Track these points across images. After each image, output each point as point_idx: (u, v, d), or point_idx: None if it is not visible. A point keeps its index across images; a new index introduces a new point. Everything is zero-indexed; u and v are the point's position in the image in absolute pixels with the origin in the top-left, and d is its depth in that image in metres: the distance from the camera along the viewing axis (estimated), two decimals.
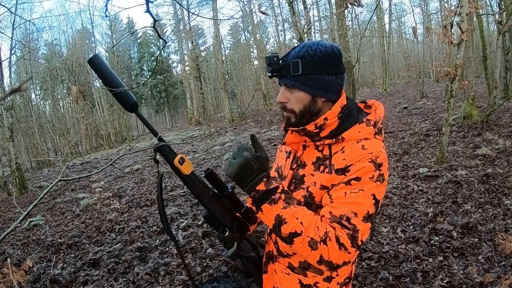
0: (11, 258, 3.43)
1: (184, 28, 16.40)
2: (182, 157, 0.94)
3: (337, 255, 0.84)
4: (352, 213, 0.86)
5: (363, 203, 0.86)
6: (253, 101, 17.76)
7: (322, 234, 0.84)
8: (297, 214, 0.86)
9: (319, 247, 0.84)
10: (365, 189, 0.87)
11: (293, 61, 0.91)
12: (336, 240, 0.83)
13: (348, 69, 9.72)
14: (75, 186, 6.85)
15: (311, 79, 0.92)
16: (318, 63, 0.91)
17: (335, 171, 0.90)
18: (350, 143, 0.92)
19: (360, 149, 0.90)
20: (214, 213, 0.99)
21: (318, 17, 20.11)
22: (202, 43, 30.05)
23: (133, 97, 0.96)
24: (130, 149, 11.86)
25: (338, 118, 0.95)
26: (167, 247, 3.34)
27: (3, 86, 7.33)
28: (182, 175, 0.96)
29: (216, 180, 0.98)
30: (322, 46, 0.93)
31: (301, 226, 0.85)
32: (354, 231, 0.85)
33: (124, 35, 24.59)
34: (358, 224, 0.85)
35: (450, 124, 4.76)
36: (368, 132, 0.93)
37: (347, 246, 0.83)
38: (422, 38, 15.84)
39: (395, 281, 2.34)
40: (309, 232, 0.85)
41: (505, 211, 3.08)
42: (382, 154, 0.90)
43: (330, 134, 0.95)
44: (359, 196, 0.87)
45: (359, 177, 0.87)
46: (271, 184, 0.89)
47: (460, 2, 4.40)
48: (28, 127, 16.24)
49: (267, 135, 9.63)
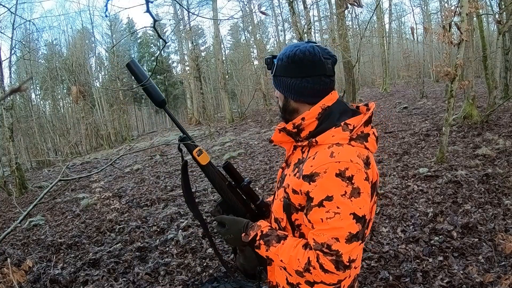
0: (11, 258, 3.43)
1: (184, 28, 16.40)
2: (200, 149, 1.08)
3: (326, 278, 0.86)
4: (333, 239, 0.84)
5: (341, 228, 0.83)
6: (253, 101, 17.76)
7: (303, 265, 0.88)
8: (277, 252, 0.93)
9: (306, 275, 0.89)
10: (341, 211, 0.83)
11: (274, 63, 0.99)
12: (320, 267, 0.85)
13: (348, 69, 9.72)
14: (75, 186, 6.85)
15: (279, 80, 0.98)
16: (284, 67, 0.95)
17: (302, 177, 0.89)
18: (322, 148, 0.90)
19: (328, 157, 0.86)
20: (228, 201, 1.09)
21: (318, 17, 20.11)
22: (202, 43, 30.06)
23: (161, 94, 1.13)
24: (130, 149, 11.86)
25: (317, 119, 0.94)
26: (167, 247, 3.34)
27: (3, 86, 7.33)
28: (200, 165, 1.08)
29: (233, 172, 1.08)
30: (290, 50, 0.95)
31: (283, 263, 0.92)
32: (337, 256, 0.84)
33: (124, 35, 24.59)
34: (340, 248, 0.84)
35: (450, 124, 4.76)
36: (342, 137, 0.89)
37: (332, 270, 0.84)
38: (422, 38, 15.84)
39: (395, 281, 2.34)
40: (291, 265, 0.90)
41: (505, 211, 3.08)
42: (353, 164, 0.84)
43: (308, 135, 0.96)
44: (336, 221, 0.83)
45: (330, 195, 0.83)
46: (249, 235, 0.98)
47: (460, 2, 4.40)
48: (28, 127, 16.24)
49: (267, 135, 9.63)
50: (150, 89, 1.11)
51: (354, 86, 10.04)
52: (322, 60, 0.93)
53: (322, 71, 0.93)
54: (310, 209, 0.87)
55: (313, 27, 10.21)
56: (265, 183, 5.08)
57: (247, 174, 5.81)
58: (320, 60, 0.92)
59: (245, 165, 6.48)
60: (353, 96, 9.67)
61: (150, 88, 1.11)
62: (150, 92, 1.11)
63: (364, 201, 0.86)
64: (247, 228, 1.00)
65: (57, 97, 22.92)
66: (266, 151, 7.49)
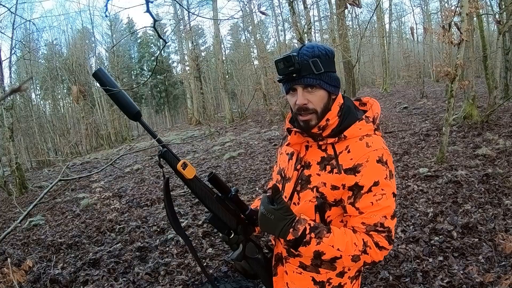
0: (11, 258, 3.43)
1: (184, 28, 16.41)
2: (184, 162, 0.97)
3: (379, 255, 0.93)
4: (383, 218, 0.92)
5: (389, 206, 0.93)
6: (253, 101, 17.75)
7: (361, 247, 0.92)
8: (332, 243, 0.92)
9: (362, 257, 0.93)
10: (386, 192, 0.92)
11: (312, 60, 0.91)
12: (376, 246, 0.92)
13: (348, 69, 9.73)
14: (75, 186, 6.85)
15: (330, 76, 0.95)
16: (331, 61, 0.96)
17: (344, 171, 0.93)
18: (353, 141, 0.95)
19: (365, 147, 0.93)
20: (219, 216, 1.02)
21: (318, 17, 20.11)
22: (202, 43, 30.07)
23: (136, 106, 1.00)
24: (130, 149, 11.86)
25: (338, 116, 0.98)
26: (167, 247, 3.34)
27: (3, 86, 7.33)
28: (186, 179, 0.98)
29: (219, 183, 1.02)
30: (323, 47, 0.98)
31: (339, 251, 0.91)
32: (388, 231, 0.93)
33: (124, 35, 24.59)
34: (389, 224, 0.93)
35: (450, 124, 4.76)
36: (369, 129, 0.97)
37: (386, 246, 0.93)
38: (422, 38, 15.84)
39: (395, 281, 2.34)
40: (348, 252, 0.92)
41: (505, 211, 3.08)
42: (385, 150, 0.94)
43: (331, 133, 0.98)
44: (384, 201, 0.92)
45: (376, 181, 0.91)
46: (298, 230, 0.92)
47: (460, 2, 4.39)
48: (28, 127, 16.24)
49: (267, 135, 9.62)
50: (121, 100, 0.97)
51: (354, 86, 10.04)
52: None
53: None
54: (359, 197, 0.93)
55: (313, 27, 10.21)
56: (265, 183, 5.07)
57: (247, 174, 5.81)
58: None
59: (245, 165, 6.48)
60: (353, 96, 9.67)
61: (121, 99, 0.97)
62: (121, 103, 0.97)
63: (395, 181, 0.97)
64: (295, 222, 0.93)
65: (57, 97, 22.94)
66: (266, 151, 7.49)
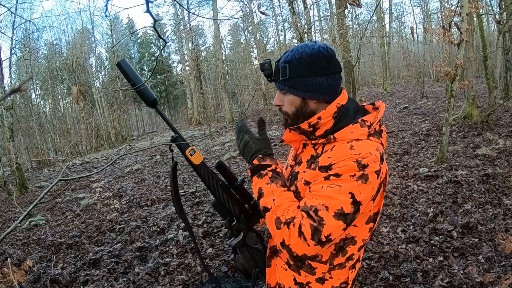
0: (11, 258, 3.43)
1: (184, 28, 16.40)
2: (193, 148, 1.06)
3: (296, 243, 0.85)
4: (322, 206, 0.84)
5: (336, 198, 0.84)
6: (253, 101, 17.76)
7: (288, 217, 0.88)
8: (275, 192, 0.93)
9: (282, 228, 0.87)
10: (342, 185, 0.84)
11: (282, 66, 0.94)
12: (298, 227, 0.84)
13: (348, 69, 9.71)
14: (75, 186, 6.85)
15: (298, 82, 0.93)
16: (304, 66, 0.92)
17: (319, 168, 0.90)
18: (341, 143, 0.91)
19: (348, 149, 0.88)
20: (221, 202, 1.07)
21: (318, 17, 20.11)
22: (202, 43, 30.07)
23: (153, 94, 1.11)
24: (130, 149, 11.86)
25: (333, 117, 0.95)
26: (167, 247, 3.34)
27: (3, 86, 7.33)
28: (193, 165, 1.06)
29: (226, 172, 1.09)
30: (309, 48, 0.93)
31: (273, 203, 0.92)
32: (319, 223, 0.83)
33: (124, 35, 24.59)
34: (326, 218, 0.83)
35: (450, 124, 4.76)
36: (361, 133, 0.91)
37: (306, 236, 0.83)
38: (422, 38, 15.84)
39: (395, 281, 2.34)
40: (277, 211, 0.90)
41: (505, 211, 3.08)
42: (371, 156, 0.86)
43: (324, 134, 0.96)
44: (333, 191, 0.84)
45: (339, 173, 0.85)
46: (265, 161, 0.99)
47: (460, 2, 4.39)
48: (28, 127, 16.25)
49: (268, 135, 9.61)
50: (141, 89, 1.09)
51: (354, 86, 10.03)
52: (335, 56, 0.95)
53: (337, 68, 0.95)
54: (316, 182, 0.89)
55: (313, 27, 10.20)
56: None
57: (248, 174, 5.81)
58: (334, 56, 0.94)
59: (245, 165, 6.48)
60: (353, 96, 9.67)
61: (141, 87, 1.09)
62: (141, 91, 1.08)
63: (367, 190, 0.86)
64: (266, 154, 1.02)
65: (57, 97, 22.94)
66: None
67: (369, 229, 0.99)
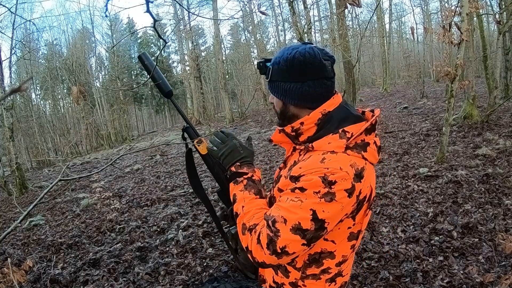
0: (11, 258, 3.43)
1: (184, 28, 16.41)
2: (201, 139, 1.15)
3: (255, 249, 0.87)
4: (281, 218, 0.83)
5: (295, 213, 0.82)
6: (253, 101, 17.76)
7: (252, 224, 0.90)
8: (246, 199, 0.96)
9: (246, 234, 0.91)
10: (304, 201, 0.82)
11: (269, 67, 0.96)
12: (258, 235, 0.87)
13: (348, 69, 9.72)
14: (75, 186, 6.85)
15: (276, 86, 0.95)
16: (281, 71, 0.92)
17: (289, 177, 0.87)
18: (316, 154, 0.88)
19: (318, 162, 0.84)
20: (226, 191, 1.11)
21: (318, 17, 20.13)
22: (202, 43, 30.06)
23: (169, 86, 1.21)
24: (130, 149, 11.86)
25: (316, 124, 0.92)
26: (167, 247, 3.34)
27: (3, 86, 7.33)
28: (201, 154, 1.15)
29: None
30: (289, 53, 0.90)
31: (241, 210, 0.95)
32: (275, 235, 0.83)
33: (124, 35, 24.58)
34: (282, 230, 0.83)
35: (450, 124, 4.76)
36: (338, 145, 0.86)
37: (263, 245, 0.85)
38: (422, 38, 15.84)
39: (395, 281, 2.34)
40: (244, 217, 0.93)
41: (506, 211, 3.08)
42: (341, 172, 0.81)
43: (306, 140, 0.94)
44: (295, 206, 0.83)
45: (304, 187, 0.83)
46: (242, 169, 1.02)
47: (460, 2, 4.39)
48: (29, 127, 16.25)
49: (267, 135, 9.63)
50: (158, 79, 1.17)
51: (354, 86, 10.03)
52: (323, 62, 0.89)
53: (323, 74, 0.90)
54: (284, 192, 0.90)
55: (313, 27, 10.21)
56: (265, 183, 5.07)
57: None
58: (321, 62, 0.89)
59: None
60: (353, 96, 9.67)
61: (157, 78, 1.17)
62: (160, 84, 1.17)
63: (333, 208, 0.82)
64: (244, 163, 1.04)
65: (57, 97, 22.94)
66: (266, 151, 7.49)
67: (351, 246, 0.96)
